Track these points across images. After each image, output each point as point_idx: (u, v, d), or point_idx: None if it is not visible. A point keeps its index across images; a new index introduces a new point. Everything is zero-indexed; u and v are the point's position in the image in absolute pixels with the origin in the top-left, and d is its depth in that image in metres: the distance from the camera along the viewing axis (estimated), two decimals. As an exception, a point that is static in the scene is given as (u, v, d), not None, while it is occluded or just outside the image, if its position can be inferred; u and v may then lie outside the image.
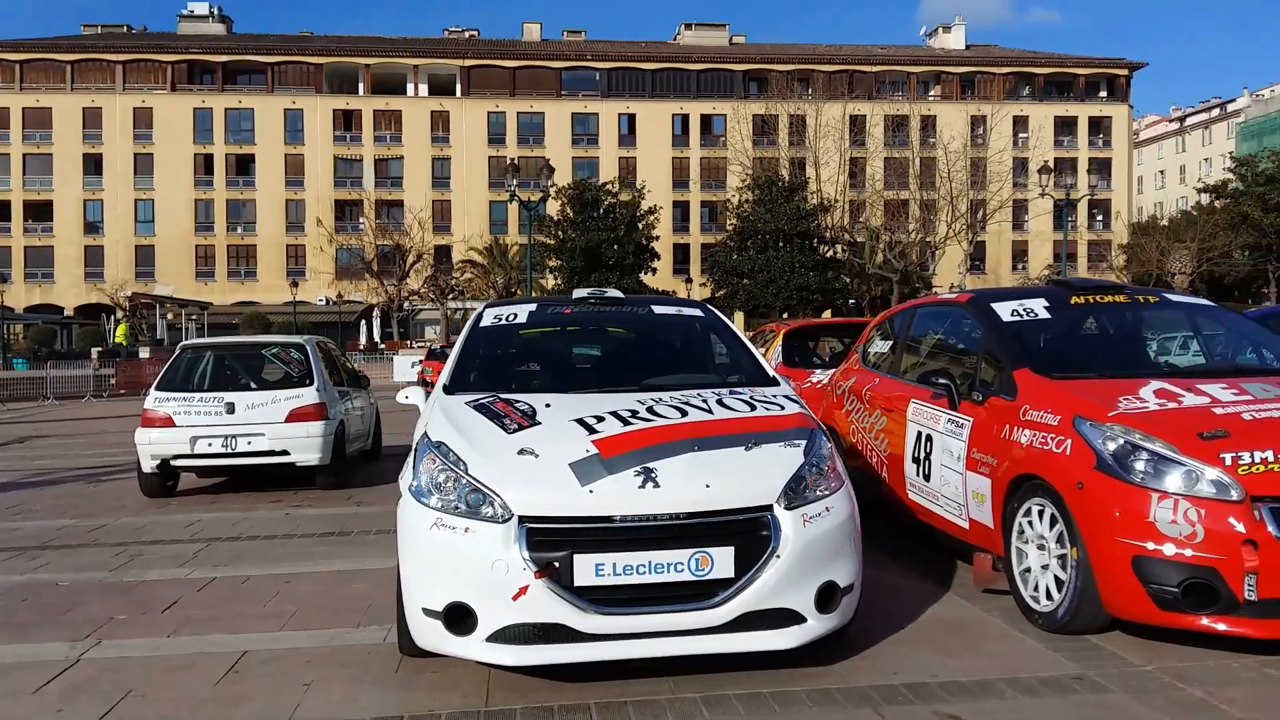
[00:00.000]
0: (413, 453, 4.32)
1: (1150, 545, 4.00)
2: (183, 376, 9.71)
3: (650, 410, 4.32)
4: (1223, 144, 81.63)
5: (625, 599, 3.72)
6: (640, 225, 47.49)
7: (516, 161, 32.20)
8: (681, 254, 66.40)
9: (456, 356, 5.05)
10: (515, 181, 30.07)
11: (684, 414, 4.29)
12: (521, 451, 4.01)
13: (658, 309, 5.70)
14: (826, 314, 46.62)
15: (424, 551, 3.88)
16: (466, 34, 74.28)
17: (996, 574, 4.98)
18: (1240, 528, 3.88)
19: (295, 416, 9.31)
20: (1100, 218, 67.41)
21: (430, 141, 66.78)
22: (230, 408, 9.23)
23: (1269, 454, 4.01)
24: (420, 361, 31.40)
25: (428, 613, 3.84)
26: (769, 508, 3.86)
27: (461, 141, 66.85)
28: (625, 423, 4.17)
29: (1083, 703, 3.68)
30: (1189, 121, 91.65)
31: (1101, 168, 66.03)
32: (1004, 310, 5.49)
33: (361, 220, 61.14)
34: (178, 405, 9.26)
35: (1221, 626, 3.93)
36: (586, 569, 3.70)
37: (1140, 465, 4.13)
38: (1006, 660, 4.15)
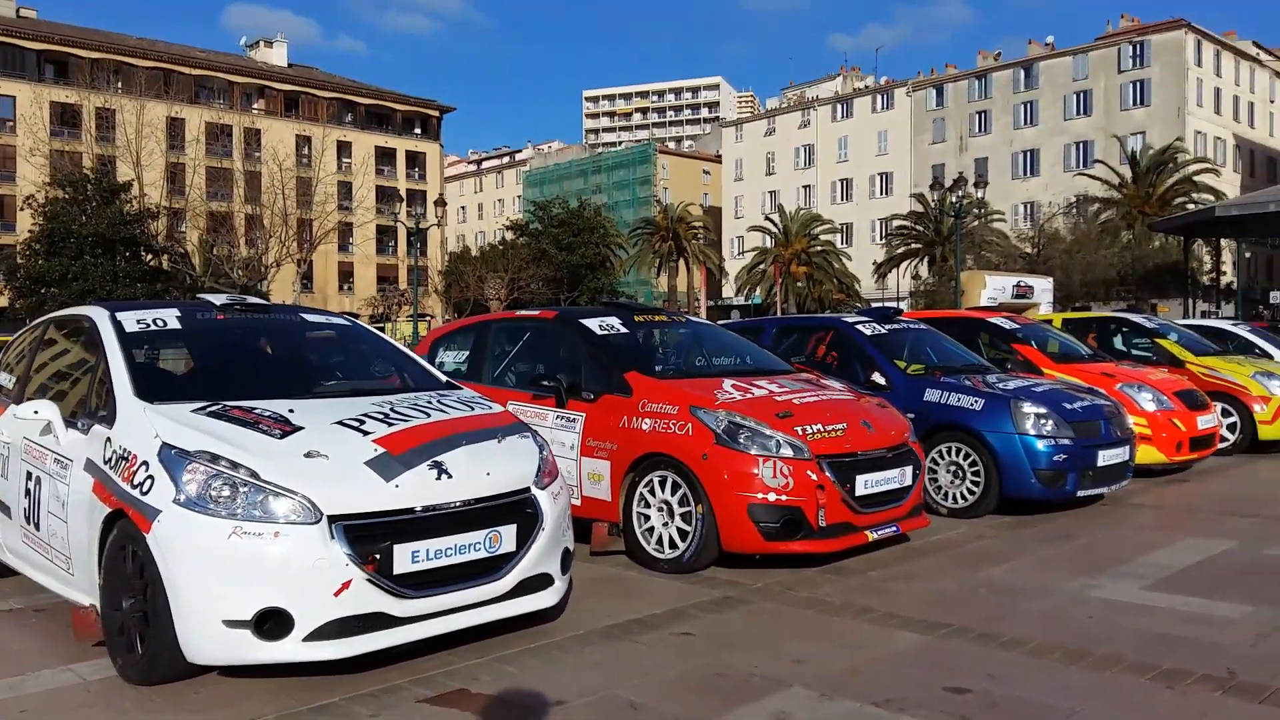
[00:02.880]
0: (144, 465, 4.01)
1: (759, 495, 5.53)
2: None
3: (395, 412, 4.61)
4: (514, 188, 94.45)
5: (432, 581, 4.08)
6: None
7: None
8: (-46, 254, 55.50)
9: (126, 364, 4.60)
10: None
11: (428, 415, 4.67)
12: (309, 454, 4.06)
13: (309, 317, 5.72)
14: None
15: (222, 562, 3.76)
16: None
17: (612, 538, 6.14)
18: (814, 477, 5.60)
19: None
20: (418, 245, 72.97)
21: None
22: None
23: (819, 426, 5.83)
24: None
25: (231, 624, 3.74)
26: (528, 489, 4.53)
27: None
28: (388, 423, 4.44)
29: (751, 611, 5.03)
30: (485, 165, 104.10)
31: (419, 199, 71.74)
32: (594, 326, 6.69)
33: None
34: None
35: (804, 548, 5.61)
36: (404, 557, 3.99)
37: (743, 439, 5.65)
38: (666, 596, 5.32)
